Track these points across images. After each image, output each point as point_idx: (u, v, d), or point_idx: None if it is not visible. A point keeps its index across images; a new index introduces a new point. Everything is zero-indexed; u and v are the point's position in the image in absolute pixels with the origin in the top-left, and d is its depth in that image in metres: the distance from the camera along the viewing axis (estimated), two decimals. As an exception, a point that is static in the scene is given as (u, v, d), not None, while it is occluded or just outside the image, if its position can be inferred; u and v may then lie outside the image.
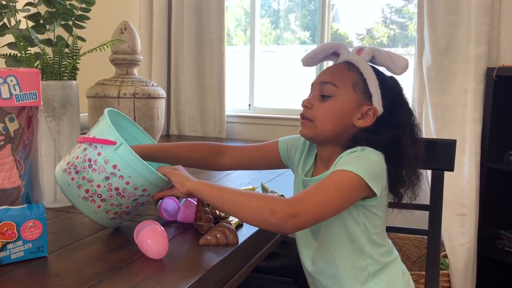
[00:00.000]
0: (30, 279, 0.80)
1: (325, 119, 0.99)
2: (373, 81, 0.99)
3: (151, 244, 0.88)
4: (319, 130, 1.00)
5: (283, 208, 0.84)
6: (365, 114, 0.99)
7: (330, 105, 0.99)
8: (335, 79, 1.00)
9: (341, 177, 0.89)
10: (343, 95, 0.99)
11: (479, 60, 1.97)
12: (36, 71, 0.87)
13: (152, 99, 1.33)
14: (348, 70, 1.01)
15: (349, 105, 0.99)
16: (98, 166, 0.95)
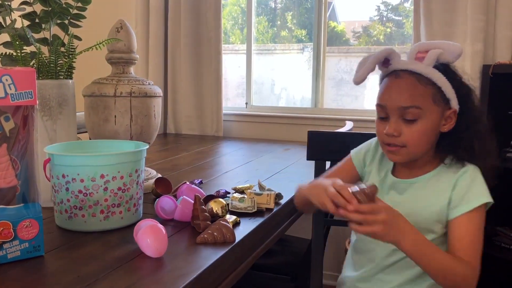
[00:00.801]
0: (26, 278, 0.80)
1: (419, 143, 0.99)
2: (448, 86, 0.97)
3: (150, 242, 0.88)
4: (414, 153, 1.00)
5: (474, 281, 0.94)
6: (447, 118, 1.00)
7: (419, 127, 0.97)
8: (416, 101, 0.96)
9: (480, 216, 0.97)
10: (429, 114, 0.97)
11: (475, 57, 1.98)
12: (32, 70, 0.87)
13: (148, 97, 1.33)
14: (420, 83, 0.97)
15: (437, 120, 0.99)
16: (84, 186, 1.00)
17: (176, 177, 1.54)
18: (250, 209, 1.16)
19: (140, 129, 1.32)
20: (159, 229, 0.90)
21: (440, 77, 0.97)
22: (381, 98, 1.01)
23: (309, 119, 2.50)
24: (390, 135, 0.99)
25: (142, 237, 0.89)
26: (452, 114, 0.99)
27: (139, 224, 0.94)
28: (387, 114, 1.00)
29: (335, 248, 2.42)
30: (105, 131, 1.31)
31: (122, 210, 1.04)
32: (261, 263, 1.74)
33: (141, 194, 1.10)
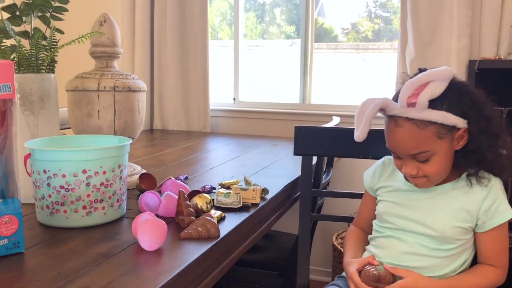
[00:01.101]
0: (6, 275, 0.78)
1: (438, 173, 1.03)
2: (449, 116, 0.97)
3: (149, 238, 0.88)
4: (437, 180, 1.05)
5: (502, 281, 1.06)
6: (459, 138, 1.01)
7: (434, 163, 1.01)
8: (422, 147, 0.99)
9: (507, 226, 1.06)
10: (439, 149, 1.00)
11: (461, 52, 1.99)
12: (10, 63, 0.85)
13: (132, 92, 1.31)
14: (420, 128, 0.98)
15: (449, 148, 1.01)
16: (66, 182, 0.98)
17: (162, 173, 1.52)
18: (236, 204, 1.15)
19: (124, 124, 1.31)
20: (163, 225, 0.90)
21: (437, 114, 0.97)
22: (389, 144, 1.05)
23: (297, 115, 2.49)
24: (409, 175, 1.04)
25: (143, 230, 0.88)
26: (463, 132, 1.00)
27: (140, 216, 0.94)
28: (399, 156, 1.04)
29: (322, 243, 2.42)
30: (89, 126, 1.29)
31: (105, 206, 1.02)
32: (248, 259, 1.74)
33: (125, 190, 1.09)
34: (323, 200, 1.84)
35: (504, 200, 1.05)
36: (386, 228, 1.11)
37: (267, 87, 2.83)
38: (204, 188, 1.28)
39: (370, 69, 2.62)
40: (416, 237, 1.06)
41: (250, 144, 2.20)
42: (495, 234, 1.05)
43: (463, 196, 1.05)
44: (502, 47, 2.00)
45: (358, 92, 2.56)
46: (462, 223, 1.04)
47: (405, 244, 1.06)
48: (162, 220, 0.91)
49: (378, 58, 2.65)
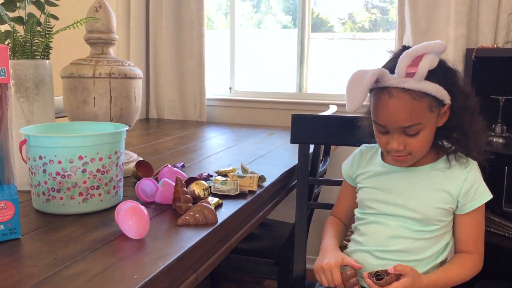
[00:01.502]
0: (2, 260, 0.78)
1: (423, 149, 1.04)
2: (440, 90, 0.98)
3: (131, 224, 0.86)
4: (419, 157, 1.06)
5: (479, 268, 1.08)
6: (443, 114, 1.03)
7: (422, 137, 1.01)
8: (415, 118, 0.98)
9: (483, 209, 1.07)
10: (429, 122, 1.00)
11: (458, 41, 1.98)
12: (4, 47, 0.83)
13: (128, 79, 1.30)
14: (415, 99, 0.97)
15: (434, 124, 1.02)
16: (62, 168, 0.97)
17: (158, 161, 1.51)
18: (233, 191, 1.15)
19: (120, 111, 1.30)
20: (140, 210, 0.88)
21: (432, 86, 0.97)
22: (379, 117, 1.02)
23: (294, 104, 2.49)
24: (395, 151, 1.02)
25: (123, 219, 0.87)
26: (447, 109, 1.02)
27: (120, 206, 0.92)
28: (387, 130, 1.02)
29: (318, 232, 2.43)
30: (84, 113, 1.28)
31: (102, 193, 1.02)
32: (245, 247, 1.74)
33: (121, 177, 1.08)
34: (320, 189, 1.84)
35: (482, 182, 1.06)
36: (369, 214, 1.12)
37: (263, 77, 2.81)
38: (201, 175, 1.28)
39: (367, 59, 2.61)
40: (399, 219, 1.07)
41: (246, 133, 2.19)
42: (473, 218, 1.06)
43: (443, 177, 1.06)
44: (499, 35, 1.99)
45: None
46: (443, 205, 1.05)
47: (389, 228, 1.07)
48: (138, 204, 0.90)
49: (375, 48, 2.64)
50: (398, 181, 1.09)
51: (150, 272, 0.73)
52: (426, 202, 1.05)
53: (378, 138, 1.07)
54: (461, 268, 1.06)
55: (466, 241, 1.07)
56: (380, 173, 1.12)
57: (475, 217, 1.06)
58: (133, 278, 0.71)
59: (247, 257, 1.70)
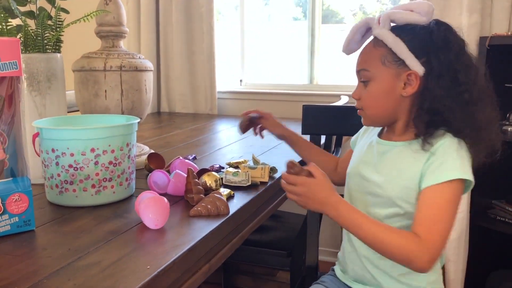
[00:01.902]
0: (17, 252, 0.79)
1: (371, 105, 1.01)
2: (400, 47, 0.93)
3: (152, 216, 0.87)
4: (371, 116, 1.02)
5: (421, 259, 0.87)
6: (408, 81, 0.95)
7: (370, 89, 0.99)
8: (365, 64, 1.00)
9: (450, 192, 0.90)
10: (378, 75, 0.97)
11: (472, 29, 1.95)
12: (16, 40, 0.84)
13: (139, 72, 1.30)
14: (374, 47, 0.98)
15: (386, 81, 0.97)
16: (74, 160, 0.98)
17: (170, 154, 1.52)
18: (244, 182, 1.15)
19: (131, 104, 1.30)
20: (163, 201, 0.89)
21: (389, 37, 0.94)
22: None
23: (305, 96, 2.47)
24: (354, 99, 1.04)
25: (145, 208, 0.88)
26: (412, 77, 0.94)
27: (142, 195, 0.93)
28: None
29: (330, 224, 2.42)
30: (96, 107, 1.29)
31: (114, 185, 1.02)
32: (257, 239, 1.74)
33: (133, 169, 1.09)
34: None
35: (455, 159, 0.91)
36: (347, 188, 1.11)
37: (274, 69, 2.80)
38: (212, 167, 1.28)
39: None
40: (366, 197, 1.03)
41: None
42: (432, 196, 0.91)
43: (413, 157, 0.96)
44: (514, 23, 1.96)
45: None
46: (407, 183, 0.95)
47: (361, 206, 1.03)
48: (163, 197, 0.90)
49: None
50: (376, 155, 1.04)
51: (163, 262, 0.74)
52: (391, 180, 0.98)
53: None
54: (395, 234, 0.89)
55: (418, 221, 0.90)
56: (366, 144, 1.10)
57: (435, 197, 0.90)
58: (146, 269, 0.71)
59: (260, 248, 1.71)
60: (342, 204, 0.93)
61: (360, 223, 0.91)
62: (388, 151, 1.02)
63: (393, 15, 0.96)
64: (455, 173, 0.90)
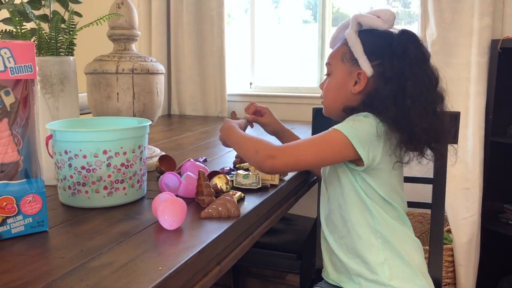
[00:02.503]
0: (30, 252, 0.80)
1: (327, 96, 1.11)
2: (356, 46, 1.02)
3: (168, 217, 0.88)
4: (326, 106, 1.13)
5: (265, 150, 0.99)
6: (358, 80, 1.04)
7: (328, 82, 1.11)
8: (330, 58, 1.11)
9: (328, 134, 0.99)
10: (336, 70, 1.08)
11: (483, 32, 1.94)
12: (31, 43, 0.85)
13: (151, 74, 1.31)
14: (341, 45, 1.09)
15: (340, 76, 1.07)
16: (87, 162, 0.99)
17: (180, 156, 1.53)
18: (255, 185, 1.15)
19: (143, 107, 1.31)
20: (182, 203, 0.90)
21: (352, 38, 1.03)
22: None
23: (315, 98, 2.47)
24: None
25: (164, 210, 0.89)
26: (361, 76, 1.03)
27: (160, 196, 0.94)
28: None
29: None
30: (108, 109, 1.30)
31: (126, 186, 1.03)
32: (267, 241, 1.74)
33: (145, 171, 1.10)
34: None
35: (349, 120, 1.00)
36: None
37: (284, 72, 2.80)
38: (223, 169, 1.28)
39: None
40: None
41: (267, 128, 2.19)
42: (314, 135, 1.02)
43: None
44: (526, 26, 1.94)
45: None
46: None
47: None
48: (181, 199, 0.91)
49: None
50: None
51: (175, 263, 0.74)
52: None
53: None
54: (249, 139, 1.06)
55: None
56: None
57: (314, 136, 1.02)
58: (157, 270, 0.72)
59: (269, 251, 1.71)
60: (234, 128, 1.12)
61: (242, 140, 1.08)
62: None
63: (360, 18, 1.04)
64: (341, 126, 0.98)
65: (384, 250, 1.02)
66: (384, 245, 1.02)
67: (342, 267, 1.08)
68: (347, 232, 1.05)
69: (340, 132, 0.97)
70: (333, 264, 1.12)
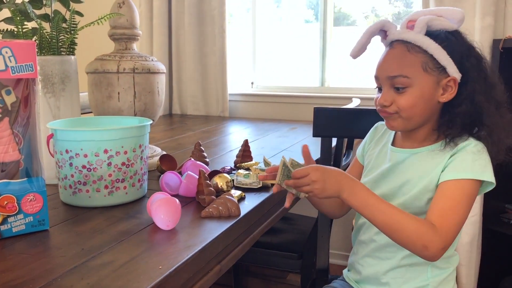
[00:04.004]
0: (31, 251, 0.80)
1: (414, 112, 0.96)
2: (441, 53, 0.93)
3: (163, 216, 0.88)
4: (409, 120, 0.97)
5: (435, 244, 0.87)
6: (446, 87, 0.96)
7: (409, 95, 0.95)
8: (403, 70, 0.95)
9: (469, 189, 0.91)
10: (419, 82, 0.95)
11: (485, 31, 1.93)
12: (32, 43, 0.85)
13: (152, 74, 1.31)
14: (410, 52, 0.95)
15: (428, 88, 0.95)
16: (87, 161, 0.99)
17: (181, 156, 1.53)
18: (255, 184, 1.15)
19: (144, 106, 1.31)
20: (175, 202, 0.90)
21: (431, 44, 0.93)
22: (376, 70, 1.01)
23: (316, 98, 2.47)
24: (381, 105, 0.98)
25: (157, 209, 0.88)
26: (451, 83, 0.95)
27: (153, 196, 0.94)
28: (380, 85, 1.00)
29: (341, 226, 2.42)
30: (109, 108, 1.30)
31: (127, 186, 1.03)
32: (268, 241, 1.74)
33: (146, 170, 1.10)
34: (342, 183, 1.82)
35: (478, 160, 0.93)
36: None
37: (285, 71, 2.81)
38: (224, 168, 1.28)
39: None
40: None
41: (268, 128, 2.19)
42: (452, 189, 0.92)
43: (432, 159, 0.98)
44: (528, 25, 1.94)
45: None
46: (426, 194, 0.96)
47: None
48: (175, 198, 0.91)
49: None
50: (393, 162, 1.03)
51: (175, 262, 0.74)
52: (415, 183, 0.98)
53: (375, 98, 1.01)
54: (412, 218, 0.89)
55: (432, 210, 0.91)
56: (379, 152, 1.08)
57: (450, 190, 0.91)
58: (158, 268, 0.72)
59: (270, 250, 1.71)
60: (358, 183, 0.92)
61: (378, 204, 0.89)
62: (406, 158, 1.02)
63: (431, 21, 0.94)
64: (475, 174, 0.92)
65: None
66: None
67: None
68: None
69: (477, 181, 0.92)
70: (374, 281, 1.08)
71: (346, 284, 1.15)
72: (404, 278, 1.03)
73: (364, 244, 1.09)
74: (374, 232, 1.05)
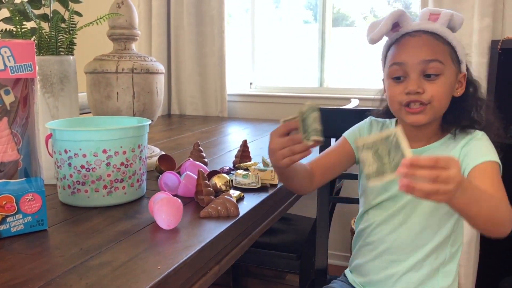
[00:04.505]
0: (30, 251, 0.80)
1: (442, 99, 0.94)
2: (461, 49, 0.96)
3: (165, 216, 0.88)
4: (437, 111, 0.95)
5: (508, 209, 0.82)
6: (459, 82, 0.98)
7: (442, 83, 0.92)
8: (438, 55, 0.92)
9: (498, 169, 0.92)
10: (448, 71, 0.93)
11: (483, 32, 1.94)
12: (31, 42, 0.85)
13: (150, 74, 1.31)
14: (438, 41, 0.94)
15: (453, 79, 0.96)
16: (86, 161, 0.99)
17: (180, 156, 1.53)
18: (254, 185, 1.15)
19: (142, 106, 1.31)
20: (178, 202, 0.90)
21: (454, 37, 0.95)
22: (398, 57, 0.95)
23: (315, 99, 2.47)
24: (413, 93, 0.92)
25: (160, 209, 0.89)
26: (462, 79, 0.98)
27: (156, 196, 0.94)
28: (405, 72, 0.94)
29: (340, 227, 2.42)
30: (108, 108, 1.30)
31: (125, 186, 1.03)
32: (266, 241, 1.74)
33: (145, 170, 1.10)
34: (341, 183, 1.83)
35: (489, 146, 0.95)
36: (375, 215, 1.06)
37: (284, 72, 2.81)
38: (222, 169, 1.28)
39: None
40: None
41: (267, 128, 2.19)
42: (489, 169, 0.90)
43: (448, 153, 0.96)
44: (526, 26, 1.94)
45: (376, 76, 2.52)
46: None
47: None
48: (177, 198, 0.91)
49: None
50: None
51: (174, 262, 0.74)
52: None
53: (391, 90, 0.96)
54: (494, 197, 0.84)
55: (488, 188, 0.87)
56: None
57: (488, 170, 0.90)
58: (156, 269, 0.72)
59: (269, 251, 1.71)
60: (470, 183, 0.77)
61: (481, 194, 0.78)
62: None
63: (454, 17, 0.96)
64: (495, 157, 0.93)
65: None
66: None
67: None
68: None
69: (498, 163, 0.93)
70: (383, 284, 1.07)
71: (345, 284, 1.15)
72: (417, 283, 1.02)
73: (370, 246, 1.07)
74: (385, 233, 1.03)
